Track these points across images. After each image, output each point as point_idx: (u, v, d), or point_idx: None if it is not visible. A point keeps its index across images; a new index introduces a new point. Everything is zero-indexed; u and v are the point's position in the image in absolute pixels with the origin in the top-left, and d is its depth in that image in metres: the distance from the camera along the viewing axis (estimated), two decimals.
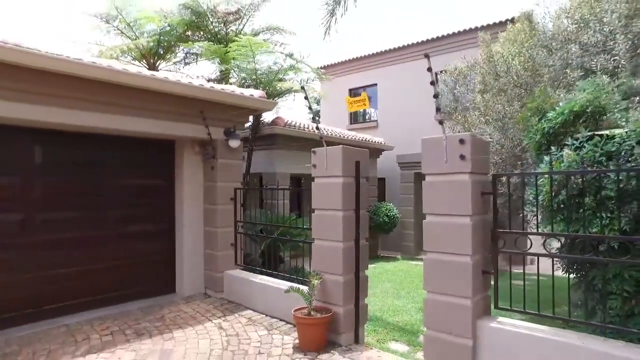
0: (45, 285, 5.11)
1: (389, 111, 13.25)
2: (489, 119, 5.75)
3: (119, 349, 4.21)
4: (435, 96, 3.47)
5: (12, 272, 4.88)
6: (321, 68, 15.83)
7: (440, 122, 3.51)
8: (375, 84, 13.82)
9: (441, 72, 8.48)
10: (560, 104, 3.89)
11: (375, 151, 12.09)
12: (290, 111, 10.83)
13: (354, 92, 14.74)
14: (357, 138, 11.29)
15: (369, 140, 11.63)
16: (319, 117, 18.74)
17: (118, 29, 9.10)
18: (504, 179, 4.91)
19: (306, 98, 4.74)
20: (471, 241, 3.36)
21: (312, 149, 4.76)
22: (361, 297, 4.53)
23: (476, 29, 10.75)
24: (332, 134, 10.66)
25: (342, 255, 4.37)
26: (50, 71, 4.39)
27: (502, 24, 9.76)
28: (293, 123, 9.86)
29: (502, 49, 6.34)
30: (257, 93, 6.55)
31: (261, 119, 9.27)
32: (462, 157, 3.40)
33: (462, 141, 3.41)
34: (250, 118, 8.44)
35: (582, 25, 5.51)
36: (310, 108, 4.80)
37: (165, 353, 4.14)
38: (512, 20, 7.41)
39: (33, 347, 4.23)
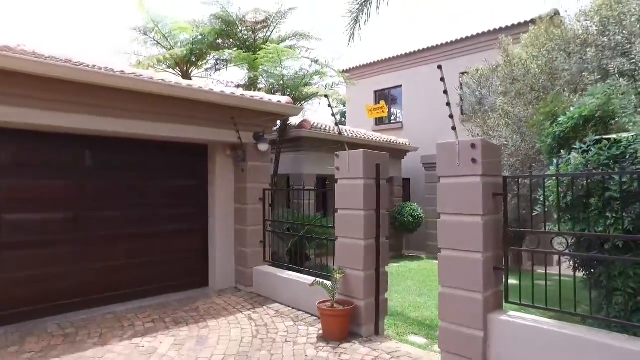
0: (96, 276, 5.66)
1: (413, 112, 13.41)
2: (508, 122, 5.90)
3: (160, 334, 4.67)
4: (448, 104, 3.73)
5: (68, 263, 5.45)
6: (347, 70, 16.18)
7: (453, 128, 3.76)
8: (400, 86, 14.00)
9: (464, 73, 8.65)
10: (572, 108, 4.06)
11: (400, 152, 12.29)
12: (317, 114, 11.20)
13: (379, 94, 14.98)
14: (381, 139, 11.52)
15: (393, 142, 11.85)
16: (345, 118, 19.04)
17: (155, 40, 9.72)
18: (519, 180, 5.08)
19: (329, 106, 5.06)
20: (482, 239, 3.61)
21: (335, 153, 5.08)
22: (381, 291, 4.82)
23: (499, 29, 10.79)
24: (357, 136, 10.94)
25: (363, 252, 4.68)
26: (109, 87, 4.91)
27: (525, 25, 9.78)
28: (319, 126, 10.20)
29: (522, 52, 6.47)
30: (284, 99, 6.93)
31: (288, 122, 9.66)
32: (474, 160, 3.64)
33: (473, 146, 3.65)
34: (278, 122, 8.86)
35: (601, 28, 5.60)
36: (333, 115, 5.13)
37: (201, 339, 4.57)
38: (534, 21, 7.50)
39: (87, 329, 4.75)
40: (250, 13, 9.55)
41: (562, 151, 3.78)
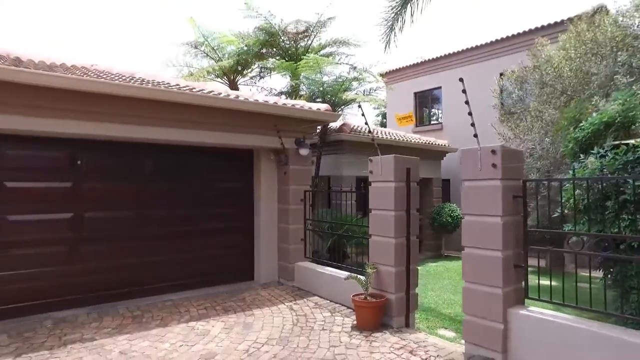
0: (156, 268, 6.41)
1: (453, 113, 13.46)
2: (541, 124, 6.02)
3: (212, 320, 5.28)
4: (470, 114, 4.03)
5: (133, 256, 6.22)
6: (387, 73, 16.43)
7: (475, 136, 4.07)
8: (440, 87, 14.08)
9: (501, 75, 8.72)
10: (594, 114, 4.23)
11: (439, 153, 12.42)
12: (357, 118, 11.57)
13: (419, 96, 15.10)
14: (419, 141, 11.72)
15: (432, 143, 12.01)
16: (386, 119, 19.23)
17: (204, 52, 10.53)
18: (538, 183, 5.23)
19: (363, 115, 5.45)
20: (501, 238, 3.89)
21: (369, 157, 5.49)
22: (411, 286, 5.18)
23: (539, 28, 10.65)
24: (395, 138, 11.23)
25: (394, 250, 5.05)
26: (176, 102, 5.62)
27: (561, 24, 9.63)
28: (358, 129, 10.60)
29: (556, 54, 6.54)
30: (323, 107, 7.40)
31: (329, 126, 10.14)
32: (494, 165, 3.93)
33: (493, 152, 3.95)
34: (318, 127, 9.35)
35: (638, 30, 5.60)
36: (366, 123, 5.53)
37: (247, 324, 5.13)
38: (572, 20, 7.47)
39: (151, 313, 5.47)
40: (291, 24, 10.12)
41: (581, 155, 3.98)
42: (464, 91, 4.00)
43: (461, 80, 3.98)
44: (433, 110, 15.41)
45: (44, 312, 5.36)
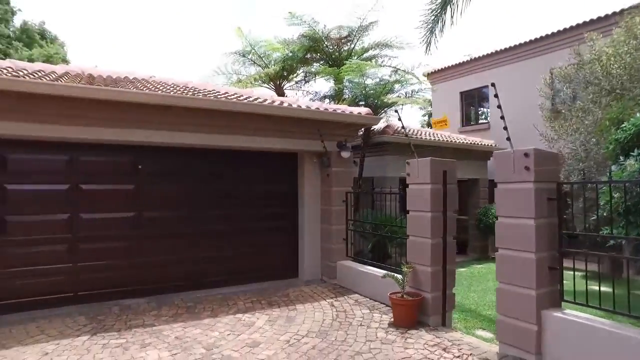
0: (207, 264, 6.93)
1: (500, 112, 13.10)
2: (582, 126, 5.85)
3: (257, 312, 5.68)
4: (502, 118, 4.11)
5: (186, 252, 6.78)
6: (432, 73, 16.28)
7: (508, 139, 4.13)
8: (487, 86, 13.76)
9: (551, 71, 8.46)
10: (638, 114, 4.15)
11: (485, 153, 12.17)
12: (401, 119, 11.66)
13: (465, 95, 14.84)
14: (464, 142, 11.58)
15: (477, 143, 11.81)
16: (431, 117, 18.99)
17: (251, 60, 11.08)
18: (572, 186, 5.12)
19: (399, 119, 5.62)
20: (534, 240, 3.94)
21: (406, 160, 5.65)
22: (448, 286, 5.28)
23: (590, 22, 10.16)
24: (440, 139, 11.18)
25: (430, 250, 5.19)
26: (221, 110, 6.12)
27: (612, 16, 9.12)
28: (402, 130, 10.66)
29: (605, 50, 6.31)
30: (364, 110, 7.62)
31: (372, 128, 10.30)
32: (527, 168, 3.99)
33: (526, 155, 4.00)
34: (362, 129, 9.56)
35: None
36: (403, 127, 5.70)
37: (289, 318, 5.48)
38: (622, 13, 7.14)
39: (202, 304, 5.97)
40: (334, 30, 10.41)
41: (621, 157, 3.93)
42: (495, 96, 4.08)
43: (493, 85, 4.07)
44: (480, 109, 15.08)
45: (112, 300, 6.03)
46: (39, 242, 5.80)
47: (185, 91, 7.10)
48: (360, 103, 9.80)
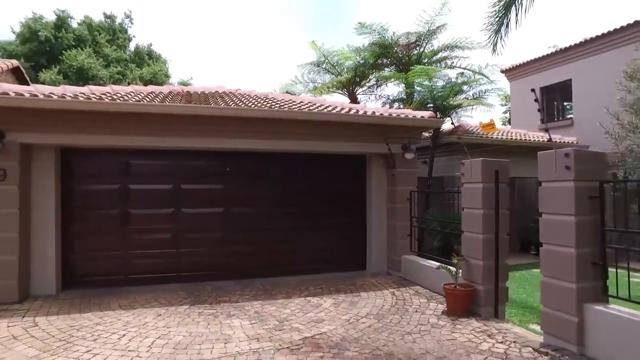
0: (283, 255, 7.89)
1: (584, 108, 12.39)
2: None
3: (325, 297, 6.46)
4: (542, 120, 4.38)
5: (265, 245, 7.78)
6: (510, 69, 15.82)
7: (549, 140, 4.39)
8: (569, 80, 13.08)
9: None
10: None
11: None
12: (471, 119, 11.62)
13: (545, 90, 14.16)
14: (540, 140, 11.24)
15: (555, 141, 11.37)
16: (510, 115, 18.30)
17: (325, 69, 11.94)
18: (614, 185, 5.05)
19: (452, 124, 6.00)
20: (575, 236, 4.16)
21: (461, 161, 6.03)
22: (501, 279, 5.56)
23: None
24: (514, 138, 11.02)
25: (481, 244, 5.53)
26: (297, 120, 7.05)
27: None
28: (472, 130, 10.73)
29: None
30: (427, 114, 8.02)
31: (441, 129, 10.55)
32: (567, 167, 4.23)
33: (567, 155, 4.24)
34: (429, 131, 9.90)
35: None
36: (457, 136, 6.05)
37: (353, 302, 6.17)
38: None
39: (278, 289, 6.91)
40: (402, 36, 10.84)
41: None
42: (536, 100, 4.36)
43: (533, 91, 4.35)
44: (561, 105, 14.32)
45: (206, 281, 7.23)
46: (151, 231, 7.21)
47: (266, 102, 8.18)
48: (429, 105, 10.13)
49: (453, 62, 11.62)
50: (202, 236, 7.50)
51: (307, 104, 8.52)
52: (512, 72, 15.94)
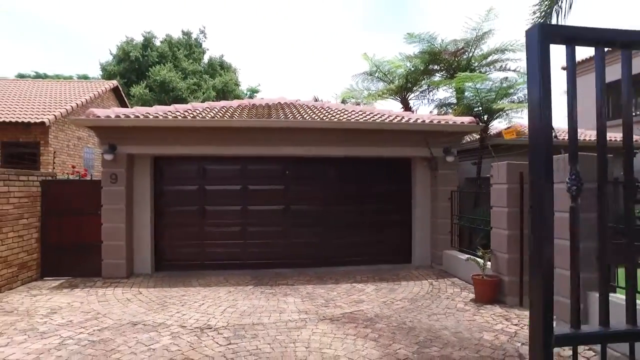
0: (336, 247, 8.91)
1: None
2: None
3: (369, 284, 7.38)
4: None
5: (321, 238, 8.87)
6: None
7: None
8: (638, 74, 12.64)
9: None
10: None
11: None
12: (522, 120, 11.66)
13: (613, 85, 13.73)
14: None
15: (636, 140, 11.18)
16: None
17: (378, 77, 12.77)
18: None
19: (489, 147, 6.63)
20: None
21: (491, 164, 6.64)
22: (526, 272, 6.11)
23: None
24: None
25: (506, 240, 6.13)
26: (347, 129, 8.08)
27: None
28: (522, 131, 10.96)
29: None
30: (467, 119, 8.61)
31: (489, 131, 10.94)
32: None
33: None
34: (474, 135, 10.37)
35: None
36: (492, 153, 6.66)
37: (392, 289, 7.03)
38: None
39: (329, 276, 7.95)
40: (450, 44, 11.36)
41: None
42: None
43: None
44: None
45: (268, 268, 8.47)
46: (223, 224, 8.61)
47: (321, 112, 9.28)
48: (476, 109, 10.59)
49: (504, 65, 11.89)
50: (266, 230, 8.77)
51: (358, 112, 9.50)
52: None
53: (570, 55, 2.06)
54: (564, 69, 16.66)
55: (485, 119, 10.57)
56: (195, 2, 53.80)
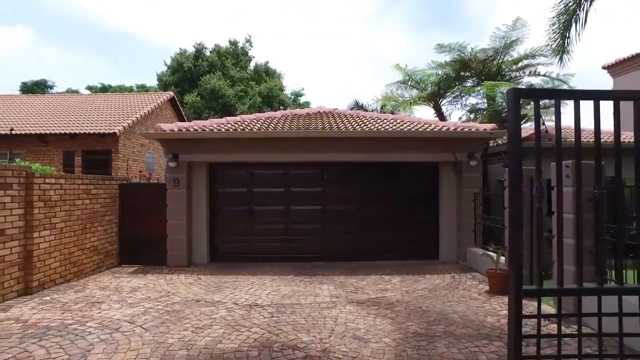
0: (367, 243, 9.86)
1: None
2: None
3: (395, 276, 8.27)
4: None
5: (354, 234, 9.86)
6: (615, 64, 15.48)
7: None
8: None
9: None
10: None
11: None
12: (550, 123, 11.92)
13: None
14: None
15: None
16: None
17: (411, 86, 13.55)
18: None
19: (502, 153, 7.34)
20: (572, 230, 5.39)
21: (504, 168, 7.33)
22: (534, 267, 6.78)
23: None
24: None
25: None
26: (383, 137, 9.02)
27: None
28: (552, 135, 11.38)
29: None
30: (489, 126, 9.26)
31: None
32: (567, 176, 5.47)
33: (567, 165, 5.48)
34: (498, 140, 10.92)
35: None
36: (504, 163, 7.36)
37: (416, 280, 7.89)
38: None
39: (360, 269, 8.92)
40: (479, 52, 11.95)
41: None
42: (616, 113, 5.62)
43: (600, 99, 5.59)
44: None
45: (307, 261, 9.56)
46: (269, 222, 9.81)
47: (356, 120, 10.27)
48: (504, 115, 11.14)
49: (534, 70, 12.30)
50: (305, 227, 9.87)
51: (389, 120, 10.40)
52: (617, 68, 15.54)
53: (536, 106, 3.14)
54: (604, 68, 16.66)
55: None
56: (242, 10, 56.30)
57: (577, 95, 3.11)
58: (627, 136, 12.06)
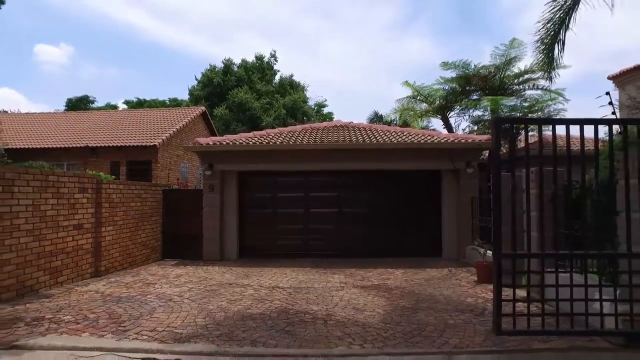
0: (377, 242, 11.10)
1: None
2: None
3: (398, 269, 9.48)
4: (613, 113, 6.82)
5: (366, 234, 11.13)
6: (621, 74, 16.24)
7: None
8: None
9: None
10: None
11: None
12: (549, 132, 12.89)
13: None
14: None
15: None
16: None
17: (419, 99, 14.77)
18: None
19: (610, 103, 8.41)
20: (536, 225, 6.52)
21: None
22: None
23: None
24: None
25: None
26: (393, 149, 10.31)
27: None
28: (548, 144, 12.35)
29: None
30: (485, 137, 10.41)
31: (516, 145, 12.44)
32: (532, 180, 6.62)
33: (531, 172, 6.63)
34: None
35: None
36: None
37: (416, 272, 9.08)
38: None
39: (369, 264, 10.15)
40: (481, 69, 13.09)
41: None
42: (610, 103, 6.58)
43: (607, 94, 6.64)
44: None
45: (324, 257, 10.87)
46: (290, 223, 11.22)
47: (368, 133, 11.58)
48: (504, 126, 12.20)
49: (535, 84, 13.32)
50: (323, 227, 11.22)
51: (400, 132, 11.66)
52: (622, 78, 16.25)
53: (511, 130, 4.68)
54: (609, 78, 17.41)
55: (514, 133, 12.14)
56: (267, 24, 58.57)
57: (539, 121, 4.48)
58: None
